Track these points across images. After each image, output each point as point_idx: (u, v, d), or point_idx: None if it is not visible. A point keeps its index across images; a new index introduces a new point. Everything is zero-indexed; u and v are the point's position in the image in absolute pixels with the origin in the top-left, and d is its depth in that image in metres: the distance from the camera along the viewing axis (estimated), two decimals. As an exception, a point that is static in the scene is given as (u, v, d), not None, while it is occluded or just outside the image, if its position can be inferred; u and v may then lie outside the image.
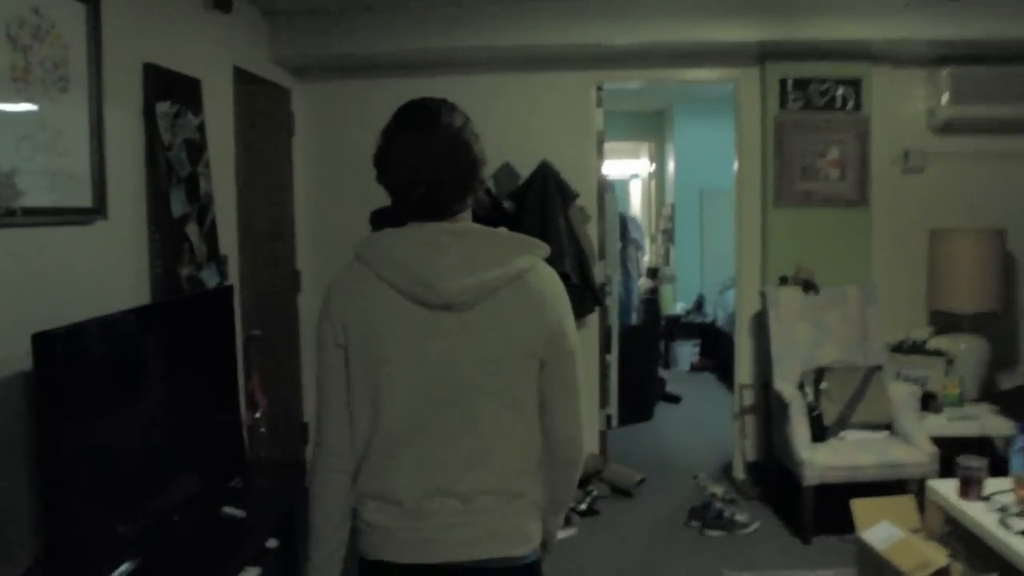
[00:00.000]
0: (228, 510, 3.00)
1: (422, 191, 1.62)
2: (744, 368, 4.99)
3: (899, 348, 4.76)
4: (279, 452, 4.81)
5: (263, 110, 4.68)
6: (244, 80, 4.38)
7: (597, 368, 5.08)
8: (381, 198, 1.74)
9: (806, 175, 4.75)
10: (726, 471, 5.15)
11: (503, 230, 1.70)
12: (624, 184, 11.21)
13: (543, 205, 4.70)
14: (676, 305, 8.89)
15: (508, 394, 1.64)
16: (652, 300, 8.52)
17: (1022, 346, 4.93)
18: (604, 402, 5.15)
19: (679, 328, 8.65)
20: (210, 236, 3.75)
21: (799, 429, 4.21)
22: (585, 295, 4.75)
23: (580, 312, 4.81)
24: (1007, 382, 4.82)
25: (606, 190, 6.40)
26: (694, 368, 8.42)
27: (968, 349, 4.71)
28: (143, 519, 2.54)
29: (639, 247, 7.75)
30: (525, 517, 1.68)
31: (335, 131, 5.12)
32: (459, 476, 1.61)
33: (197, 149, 3.69)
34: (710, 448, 5.75)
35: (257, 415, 4.31)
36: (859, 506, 3.47)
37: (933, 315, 4.89)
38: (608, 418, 5.80)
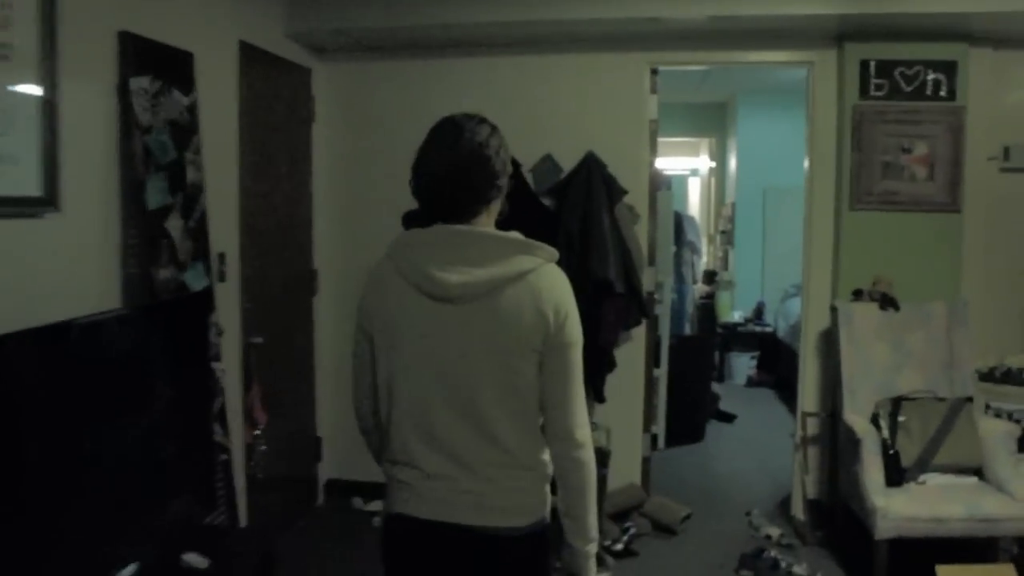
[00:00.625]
0: (189, 558, 2.54)
1: (442, 197, 1.81)
2: (808, 393, 4.38)
3: (990, 376, 4.12)
4: (287, 469, 4.37)
5: (279, 92, 4.22)
6: (254, 57, 3.93)
7: (643, 385, 4.53)
8: (410, 194, 1.87)
9: (888, 173, 4.13)
10: (784, 508, 4.56)
11: (512, 233, 1.82)
12: (682, 181, 10.60)
13: (586, 202, 4.16)
14: (734, 313, 8.24)
15: (508, 381, 1.79)
16: (708, 306, 7.94)
17: None
18: (648, 423, 4.60)
19: (736, 338, 8.00)
20: (198, 232, 3.31)
21: (872, 470, 3.61)
22: (631, 305, 4.20)
23: (625, 324, 4.27)
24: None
25: (660, 187, 5.83)
26: (751, 383, 7.78)
27: (1074, 380, 4.06)
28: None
29: (695, 250, 7.15)
30: (527, 490, 1.85)
31: (360, 116, 4.66)
32: (466, 450, 1.80)
33: (185, 132, 3.24)
34: (766, 478, 5.16)
35: (257, 432, 3.87)
36: (946, 574, 2.88)
37: (1032, 338, 4.24)
38: (654, 439, 5.26)
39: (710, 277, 8.51)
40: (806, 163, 4.39)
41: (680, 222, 6.67)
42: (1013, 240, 4.24)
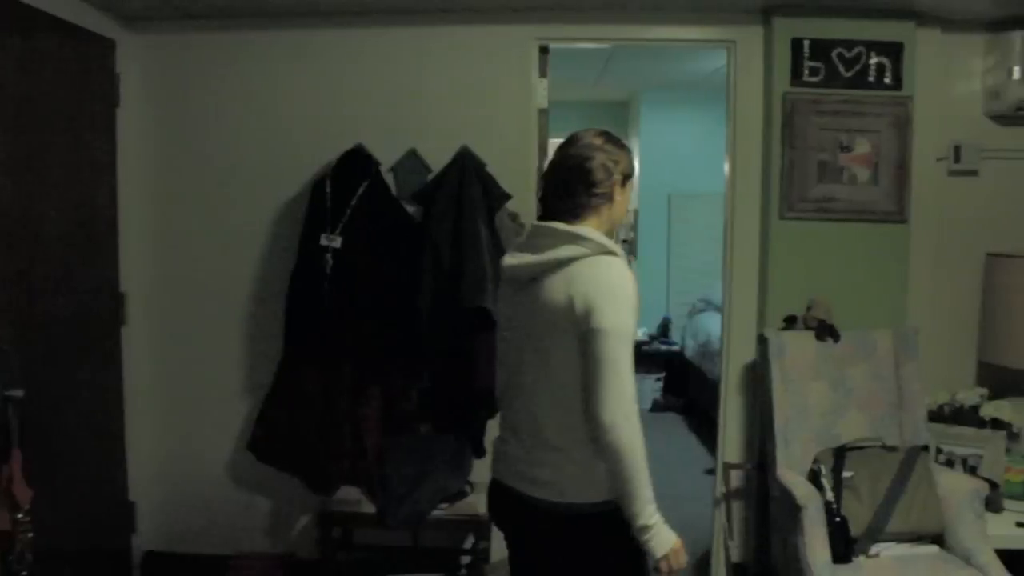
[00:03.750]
0: None
1: (546, 198, 2.07)
2: (731, 440, 3.65)
3: (939, 415, 3.47)
4: (89, 544, 3.40)
5: (65, 68, 3.25)
6: (29, 22, 2.96)
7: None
8: (243, 193, 2.12)
9: (825, 175, 3.44)
10: (701, 570, 3.82)
11: (577, 228, 1.94)
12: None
13: (459, 210, 3.33)
14: (637, 330, 7.55)
15: (542, 360, 1.96)
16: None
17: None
18: None
19: (639, 358, 7.21)
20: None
21: (815, 543, 2.89)
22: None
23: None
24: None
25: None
26: (657, 407, 7.06)
27: (1037, 419, 3.45)
28: None
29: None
30: (555, 468, 1.95)
31: (183, 100, 3.72)
32: (519, 423, 2.04)
33: None
34: (679, 526, 4.37)
35: (20, 515, 2.88)
36: None
37: (985, 370, 3.61)
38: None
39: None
40: (726, 164, 3.67)
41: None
42: (962, 256, 3.62)
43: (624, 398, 1.82)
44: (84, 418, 3.40)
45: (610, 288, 1.85)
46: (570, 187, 1.98)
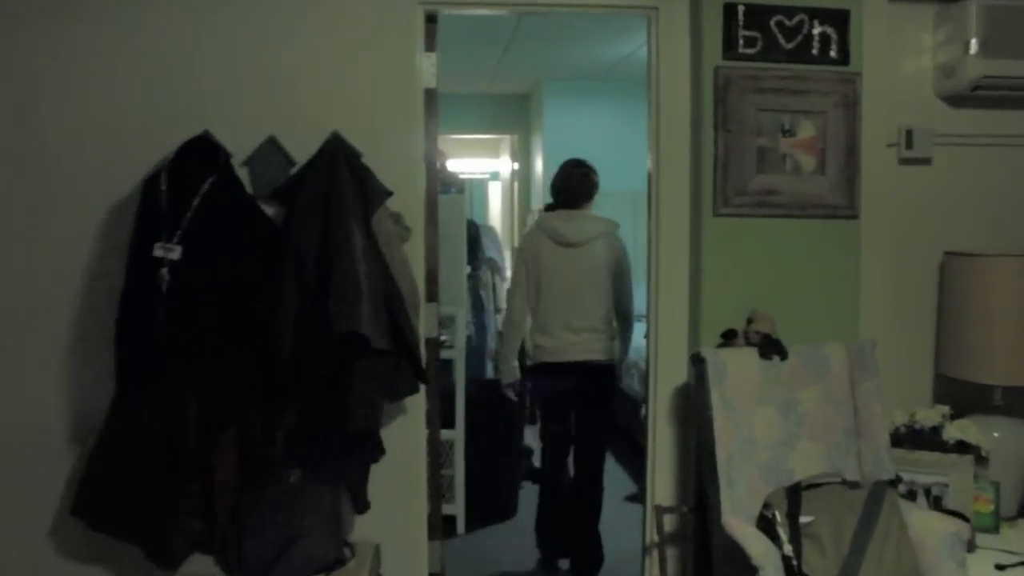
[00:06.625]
0: None
1: (563, 196, 4.12)
2: (661, 478, 3.11)
3: (897, 438, 3.00)
4: None
5: None
6: None
7: (424, 469, 3.10)
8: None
9: (765, 164, 2.93)
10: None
11: (597, 216, 4.17)
12: (481, 186, 9.38)
13: (327, 209, 2.68)
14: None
15: (597, 286, 3.96)
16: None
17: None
18: (436, 527, 3.17)
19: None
20: None
21: (775, 610, 2.36)
22: (400, 365, 2.76)
23: (393, 393, 2.82)
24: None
25: (449, 188, 4.49)
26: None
27: (1003, 440, 3.02)
28: None
29: (497, 269, 5.80)
30: (605, 342, 3.99)
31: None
32: (575, 320, 3.92)
33: None
34: (606, 568, 3.92)
35: None
36: None
37: (945, 385, 3.18)
38: (450, 523, 3.93)
39: (516, 298, 7.24)
40: (649, 154, 3.13)
41: (477, 235, 5.33)
42: (915, 256, 3.17)
43: (634, 302, 3.91)
44: None
45: (625, 249, 4.04)
46: (581, 190, 4.07)
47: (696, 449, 2.93)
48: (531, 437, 5.40)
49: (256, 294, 2.70)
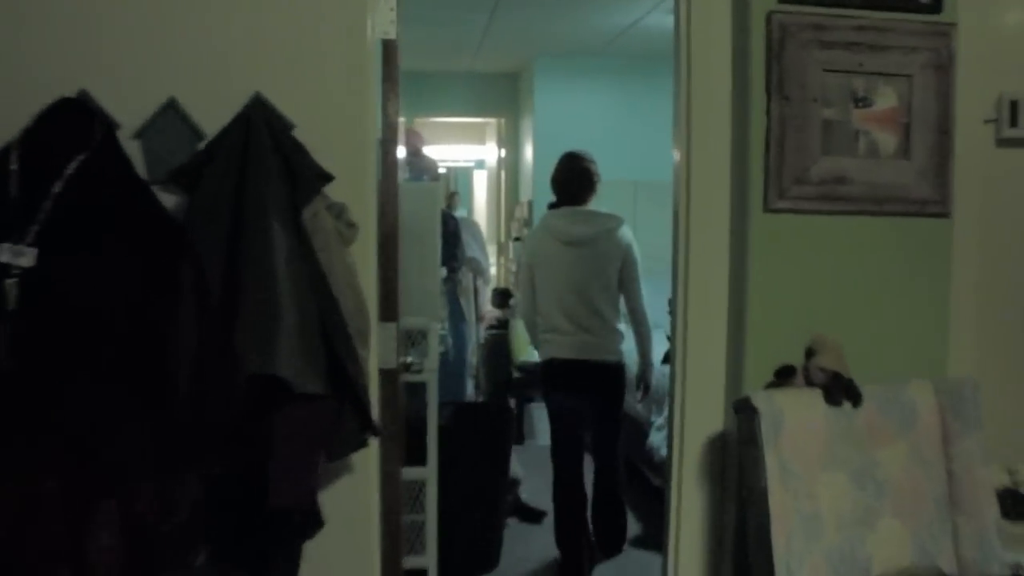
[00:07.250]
0: None
1: (566, 192, 3.91)
2: (688, 560, 2.38)
3: (1004, 506, 2.30)
4: None
5: None
6: None
7: (378, 536, 2.36)
8: None
9: (832, 143, 2.21)
10: None
11: (602, 212, 3.96)
12: (465, 175, 8.75)
13: (241, 199, 1.94)
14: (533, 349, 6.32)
15: (604, 284, 3.78)
16: (499, 340, 5.96)
17: None
18: (394, 557, 2.43)
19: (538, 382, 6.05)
20: None
21: None
22: (343, 414, 2.02)
23: (330, 453, 2.08)
24: None
25: (419, 173, 3.78)
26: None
27: None
28: None
29: (480, 271, 5.07)
30: (612, 341, 3.83)
31: None
32: (583, 319, 3.78)
33: None
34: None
35: None
36: None
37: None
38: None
39: (503, 298, 6.53)
40: (676, 135, 2.39)
41: (455, 231, 4.59)
42: (1019, 267, 2.46)
43: (643, 297, 3.86)
44: None
45: (632, 243, 3.86)
46: (583, 184, 3.92)
47: (737, 527, 2.21)
48: (517, 464, 4.68)
49: (141, 317, 1.97)
